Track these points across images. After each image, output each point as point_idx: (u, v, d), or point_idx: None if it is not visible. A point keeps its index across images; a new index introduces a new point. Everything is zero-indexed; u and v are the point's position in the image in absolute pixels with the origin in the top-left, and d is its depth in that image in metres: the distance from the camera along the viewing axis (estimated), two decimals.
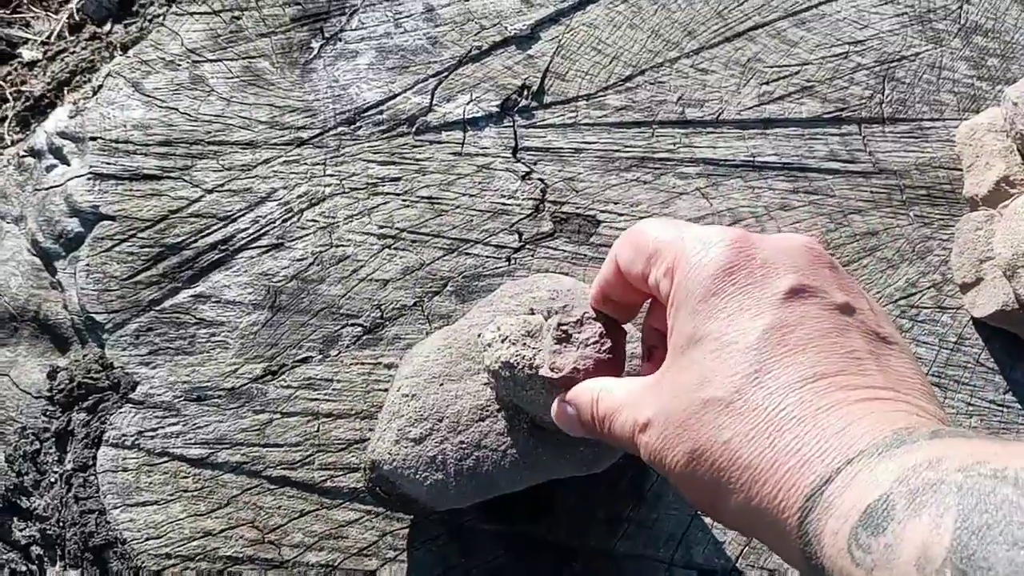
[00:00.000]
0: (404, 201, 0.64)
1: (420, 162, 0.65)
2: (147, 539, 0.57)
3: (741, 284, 0.35)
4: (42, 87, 0.83)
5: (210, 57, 0.68)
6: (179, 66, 0.68)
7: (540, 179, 0.65)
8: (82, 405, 0.60)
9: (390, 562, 0.57)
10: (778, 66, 0.68)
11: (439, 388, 0.52)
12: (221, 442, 0.59)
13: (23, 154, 0.70)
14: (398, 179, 0.65)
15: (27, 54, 0.88)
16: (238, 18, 0.69)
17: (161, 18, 0.72)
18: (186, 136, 0.66)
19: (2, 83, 0.86)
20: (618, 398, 0.40)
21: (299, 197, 0.64)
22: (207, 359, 0.61)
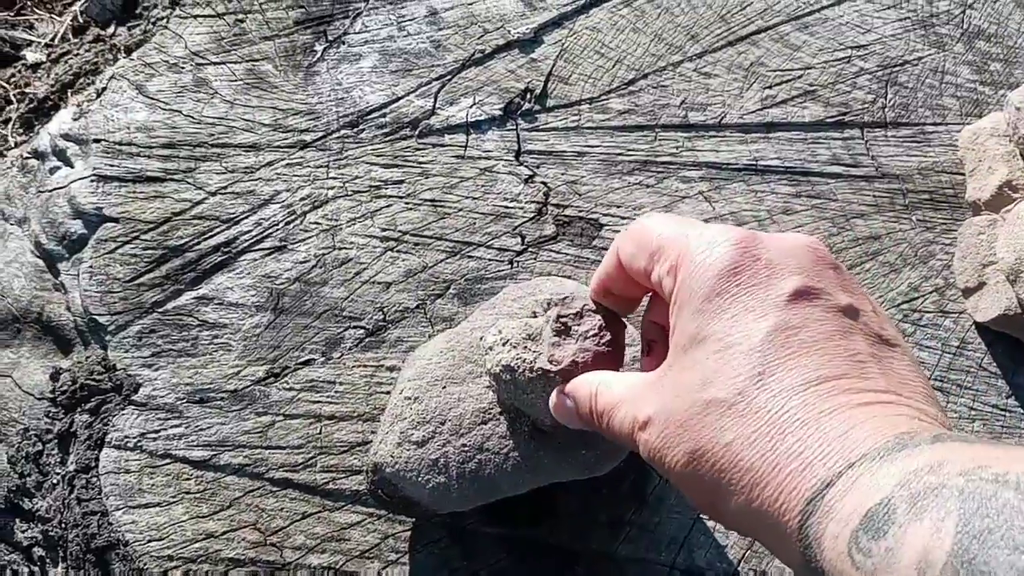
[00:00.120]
0: (407, 204, 0.65)
1: (423, 165, 0.66)
2: (149, 541, 0.57)
3: (745, 285, 0.35)
4: (46, 89, 0.84)
5: (214, 60, 0.68)
6: (183, 69, 0.68)
7: (543, 182, 0.65)
8: (85, 407, 0.60)
9: (392, 565, 0.57)
10: (781, 70, 0.68)
11: (441, 391, 0.52)
12: (223, 444, 0.59)
13: (27, 156, 0.70)
14: (401, 182, 0.65)
15: (31, 56, 0.88)
16: (242, 21, 0.69)
17: (165, 21, 0.72)
18: (189, 138, 0.66)
19: (6, 85, 0.86)
20: (617, 393, 0.40)
21: (302, 200, 0.64)
22: (210, 361, 0.61)
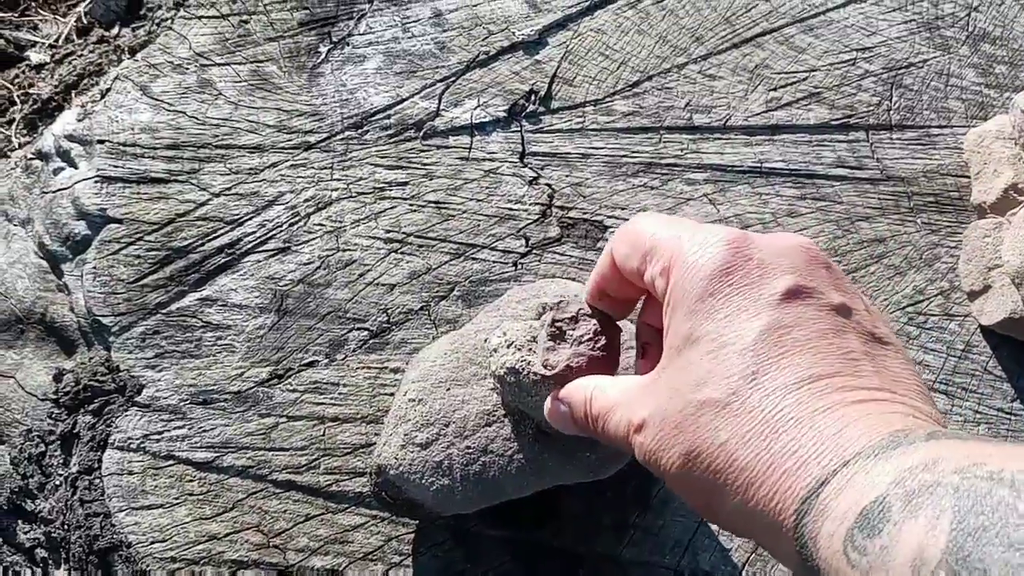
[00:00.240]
0: (411, 206, 0.64)
1: (427, 167, 0.65)
2: (152, 542, 0.57)
3: (738, 285, 0.35)
4: (50, 90, 0.84)
5: (218, 61, 0.68)
6: (187, 70, 0.68)
7: (547, 184, 0.65)
8: (88, 408, 0.60)
9: (395, 567, 0.57)
10: (786, 72, 0.68)
11: (446, 393, 0.51)
12: (227, 446, 0.59)
13: (30, 157, 0.70)
14: (405, 184, 0.65)
15: (35, 57, 0.88)
16: (246, 22, 0.69)
17: (169, 22, 0.72)
18: (193, 140, 0.66)
19: (9, 86, 0.86)
20: (612, 397, 0.40)
21: (306, 201, 0.64)
22: (213, 362, 0.61)
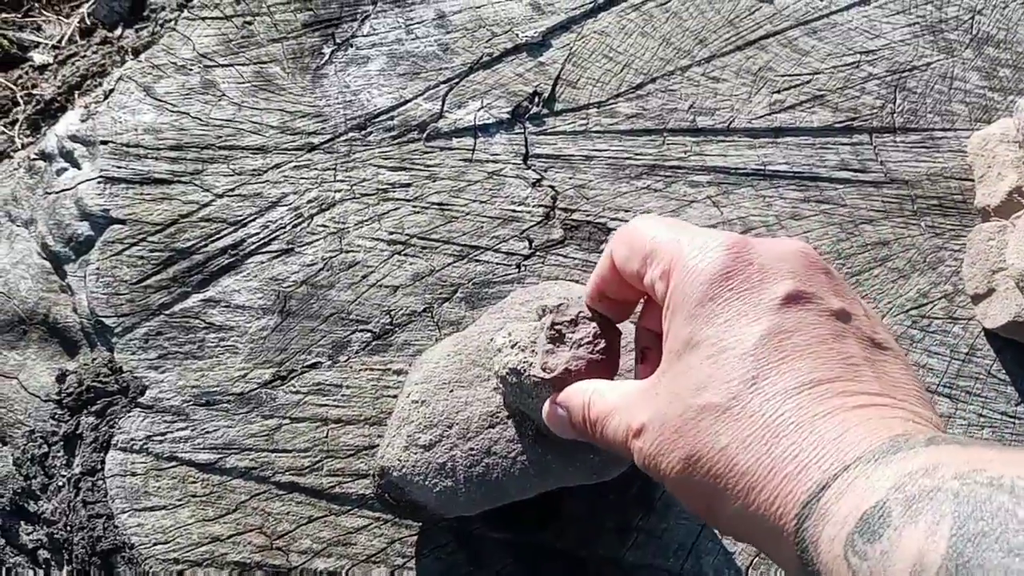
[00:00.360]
0: (414, 207, 0.64)
1: (430, 168, 0.65)
2: (155, 544, 0.57)
3: (738, 289, 0.35)
4: (53, 91, 0.84)
5: (222, 62, 0.68)
6: (191, 70, 0.68)
7: (551, 186, 0.65)
8: (91, 409, 0.60)
9: (398, 569, 0.57)
10: (789, 75, 0.68)
11: (449, 394, 0.51)
12: (230, 447, 0.59)
13: (34, 157, 0.70)
14: (408, 185, 0.65)
15: (38, 58, 0.88)
16: (250, 23, 0.69)
17: (173, 23, 0.72)
18: (197, 140, 0.66)
19: (13, 86, 0.86)
20: (611, 401, 0.40)
21: (309, 202, 0.64)
22: (216, 364, 0.61)
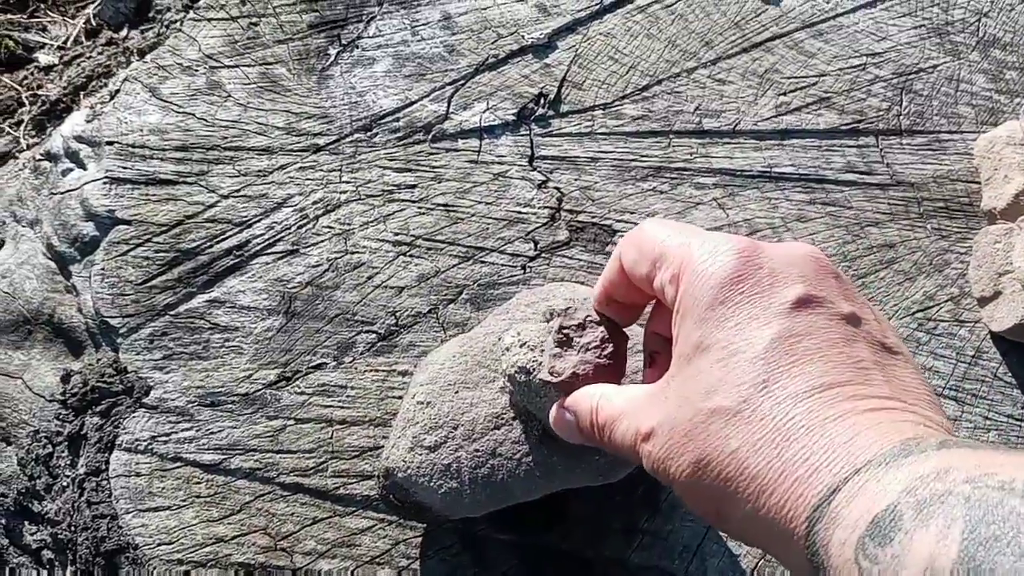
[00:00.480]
0: (420, 208, 0.64)
1: (436, 170, 0.65)
2: (159, 545, 0.57)
3: (748, 293, 0.35)
4: (58, 91, 0.84)
5: (227, 63, 0.68)
6: (196, 71, 0.68)
7: (556, 188, 0.65)
8: (95, 409, 0.60)
9: (403, 571, 0.57)
10: (795, 77, 0.68)
11: (454, 396, 0.51)
12: (234, 448, 0.59)
13: (39, 158, 0.70)
14: (414, 186, 0.65)
15: (44, 59, 0.89)
16: (256, 24, 0.69)
17: (178, 24, 0.72)
18: (202, 141, 0.66)
19: (18, 87, 0.86)
20: (619, 406, 0.40)
21: (315, 203, 0.64)
22: (221, 364, 0.61)
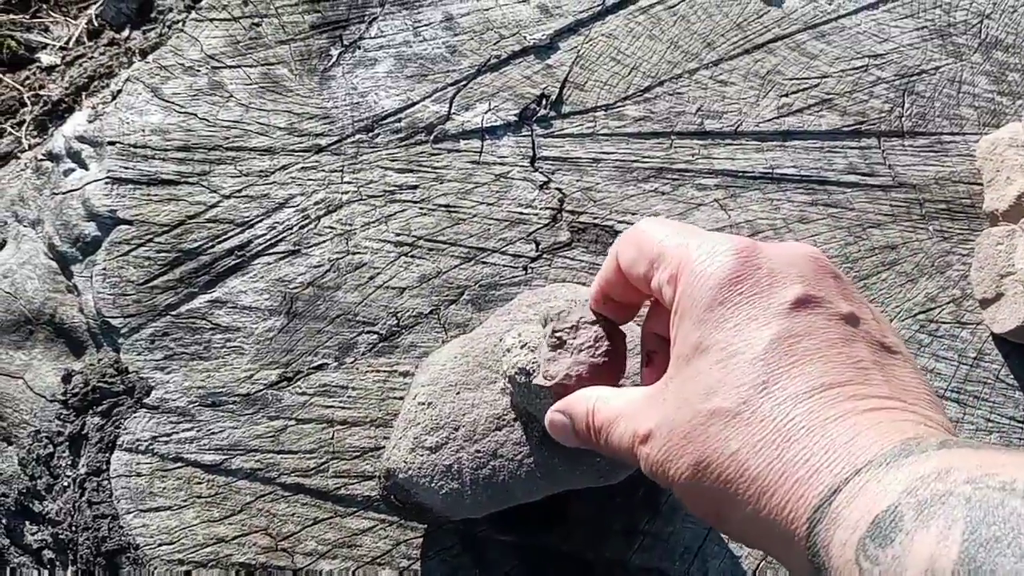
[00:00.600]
0: (421, 209, 0.64)
1: (438, 170, 0.65)
2: (160, 545, 0.57)
3: (747, 294, 0.35)
4: (60, 92, 0.84)
5: (229, 63, 0.68)
6: (198, 72, 0.68)
7: (558, 189, 0.65)
8: (96, 409, 0.60)
9: (404, 571, 0.57)
10: (797, 78, 0.68)
11: (456, 397, 0.51)
12: (235, 448, 0.59)
13: (41, 158, 0.70)
14: (415, 187, 0.65)
15: (45, 59, 0.89)
16: (258, 25, 0.69)
17: (180, 24, 0.72)
18: (204, 141, 0.66)
19: (20, 87, 0.86)
20: (616, 408, 0.39)
21: (316, 204, 0.64)
22: (222, 365, 0.61)
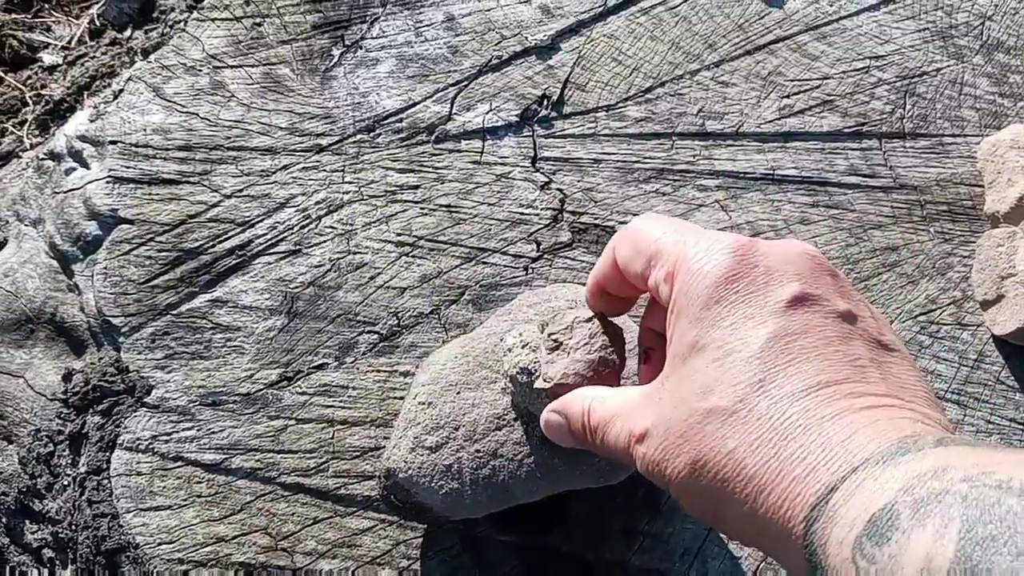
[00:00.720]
0: (422, 209, 0.64)
1: (439, 170, 0.65)
2: (159, 544, 0.57)
3: (744, 292, 0.34)
4: (62, 91, 0.84)
5: (231, 63, 0.68)
6: (200, 71, 0.68)
7: (559, 189, 0.65)
8: (97, 408, 0.60)
9: (404, 571, 0.57)
10: (799, 80, 0.68)
11: (456, 396, 0.51)
12: (235, 447, 0.59)
13: (42, 157, 0.70)
14: (417, 187, 0.65)
15: (47, 58, 0.89)
16: (259, 24, 0.69)
17: (182, 24, 0.72)
18: (206, 141, 0.66)
19: (22, 87, 0.86)
20: (611, 407, 0.39)
21: (317, 204, 0.64)
22: (223, 364, 0.61)
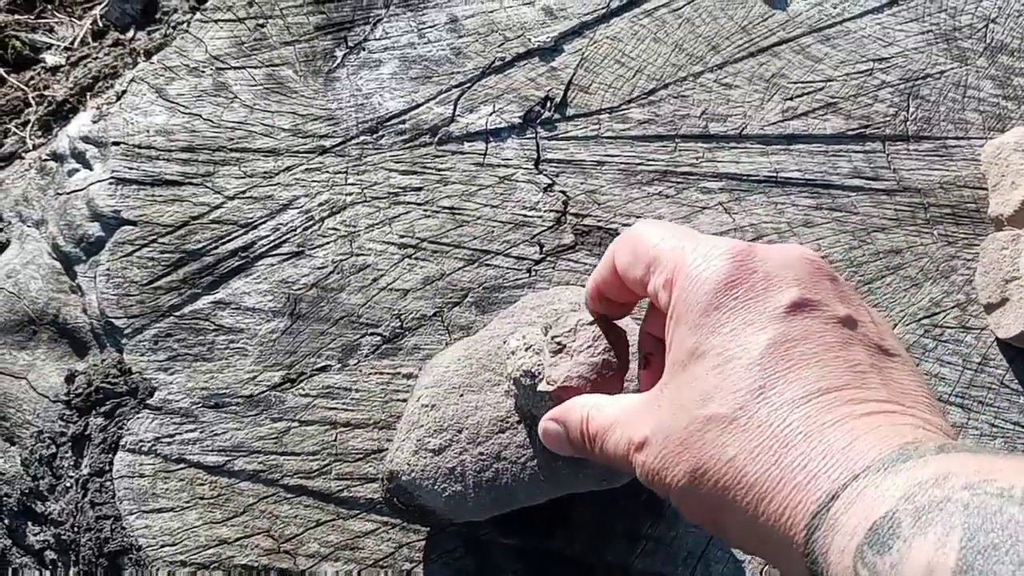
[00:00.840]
0: (425, 211, 0.64)
1: (442, 172, 0.65)
2: (162, 546, 0.57)
3: (743, 298, 0.34)
4: (65, 92, 0.84)
5: (234, 64, 0.68)
6: (203, 73, 0.68)
7: (562, 191, 0.65)
8: (99, 410, 0.60)
9: (406, 574, 0.56)
10: (802, 82, 0.68)
11: (459, 399, 0.51)
12: (238, 450, 0.59)
13: (45, 158, 0.70)
14: (419, 189, 0.65)
15: (50, 59, 0.89)
16: (262, 26, 0.69)
17: (185, 25, 0.72)
18: (208, 142, 0.66)
19: (25, 87, 0.86)
20: (610, 415, 0.39)
21: (320, 205, 0.64)
22: (225, 366, 0.61)
